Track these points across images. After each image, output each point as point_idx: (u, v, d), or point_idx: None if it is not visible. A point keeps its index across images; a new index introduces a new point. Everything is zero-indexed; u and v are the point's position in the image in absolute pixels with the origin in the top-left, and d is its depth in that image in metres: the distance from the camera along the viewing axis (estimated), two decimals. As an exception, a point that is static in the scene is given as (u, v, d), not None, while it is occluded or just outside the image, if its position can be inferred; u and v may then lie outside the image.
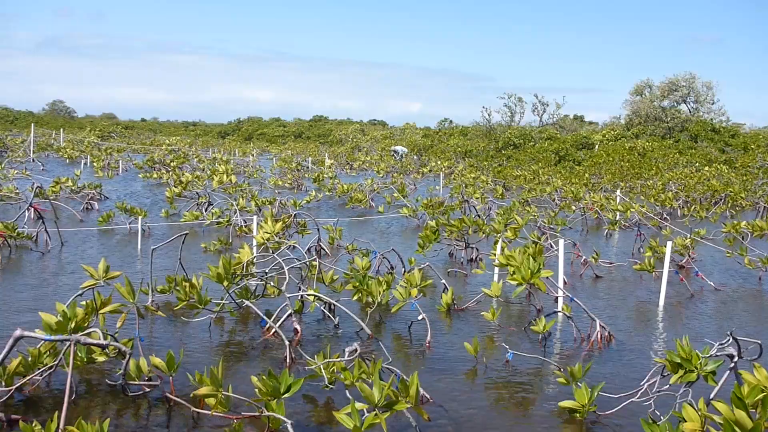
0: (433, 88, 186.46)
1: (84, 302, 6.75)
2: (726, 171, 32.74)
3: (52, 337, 5.71)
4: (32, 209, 15.06)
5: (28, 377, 6.00)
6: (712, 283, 11.94)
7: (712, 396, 5.38)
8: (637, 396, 6.19)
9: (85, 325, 6.20)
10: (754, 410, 4.40)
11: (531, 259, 8.42)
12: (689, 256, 13.42)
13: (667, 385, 5.97)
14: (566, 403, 6.05)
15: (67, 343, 5.69)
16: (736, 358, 5.63)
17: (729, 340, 5.73)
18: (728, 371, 5.60)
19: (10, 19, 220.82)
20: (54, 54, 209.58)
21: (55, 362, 6.08)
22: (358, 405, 5.13)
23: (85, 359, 6.42)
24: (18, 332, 5.48)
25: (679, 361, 5.67)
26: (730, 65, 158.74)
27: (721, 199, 24.62)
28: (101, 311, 6.79)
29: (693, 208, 22.07)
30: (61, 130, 52.94)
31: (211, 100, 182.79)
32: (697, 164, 35.88)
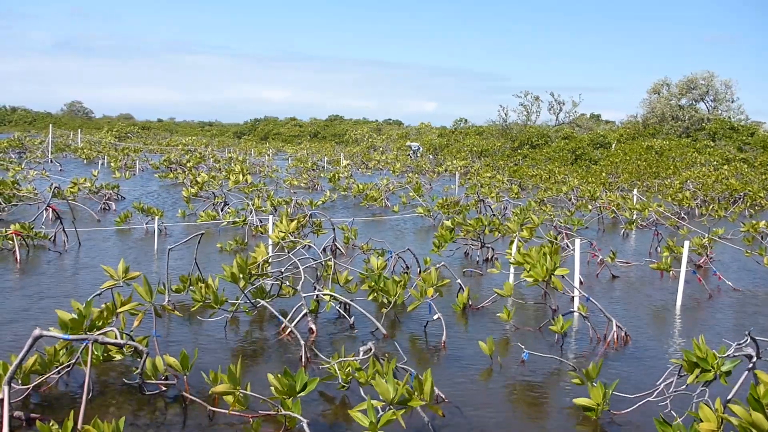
0: (449, 87, 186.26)
1: (104, 304, 6.80)
2: (745, 170, 32.40)
3: (71, 337, 5.76)
4: (50, 209, 15.22)
5: (45, 376, 6.06)
6: (730, 283, 11.83)
7: (729, 397, 5.33)
8: (653, 396, 6.14)
9: (103, 324, 6.25)
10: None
11: (547, 256, 8.39)
12: (707, 255, 13.30)
13: (684, 386, 5.92)
14: (581, 401, 6.02)
15: (84, 342, 5.74)
16: (754, 359, 5.57)
17: (747, 340, 5.66)
18: (746, 372, 5.54)
19: (27, 19, 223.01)
20: (70, 54, 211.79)
21: (72, 361, 6.13)
22: (374, 402, 5.14)
23: (102, 358, 6.47)
24: (37, 331, 5.53)
25: (695, 360, 5.62)
26: (748, 63, 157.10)
27: (739, 198, 24.39)
28: (120, 310, 6.85)
29: (711, 207, 21.86)
30: (79, 130, 53.45)
31: (226, 100, 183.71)
32: (715, 163, 35.55)
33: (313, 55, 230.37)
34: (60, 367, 6.17)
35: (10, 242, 12.22)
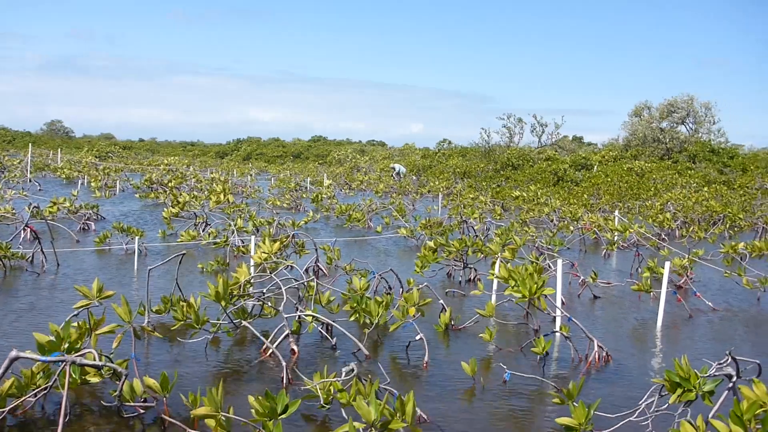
0: (434, 108, 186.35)
1: (77, 323, 6.71)
2: (725, 192, 32.78)
3: (48, 358, 5.67)
4: (28, 229, 15.04)
5: (21, 399, 5.95)
6: (710, 303, 11.91)
7: (710, 416, 5.34)
8: (635, 415, 6.14)
9: (80, 345, 6.16)
10: (752, 429, 4.36)
11: (533, 275, 8.40)
12: (687, 276, 13.40)
13: (665, 405, 5.93)
14: (563, 420, 6.00)
15: (61, 364, 5.65)
16: (734, 378, 5.60)
17: (727, 359, 5.70)
18: (727, 391, 5.57)
19: (25, 40, 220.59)
20: (63, 75, 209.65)
21: (49, 383, 6.02)
22: (356, 424, 5.09)
23: (79, 380, 6.37)
24: (13, 353, 5.45)
25: (677, 380, 5.64)
26: (731, 86, 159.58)
27: (719, 220, 24.65)
28: (98, 332, 6.75)
29: (691, 228, 22.06)
30: (59, 150, 53.06)
31: (214, 121, 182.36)
32: (695, 185, 35.96)
33: (303, 76, 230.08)
34: (37, 390, 6.06)
35: (-12, 262, 12.06)
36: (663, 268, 11.00)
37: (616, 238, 18.69)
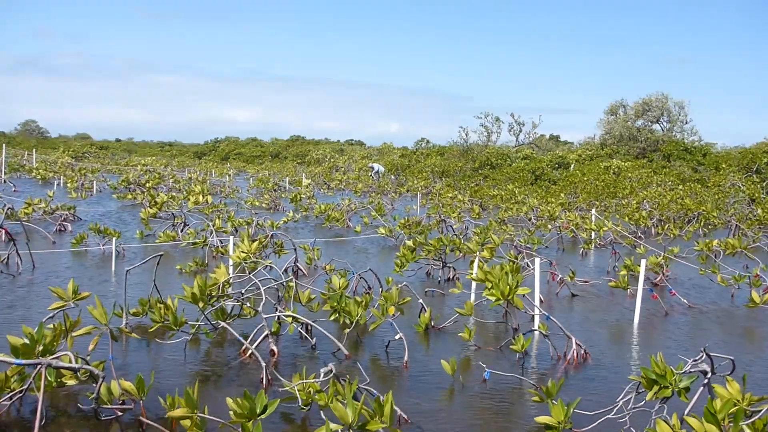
0: (412, 108, 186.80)
1: (52, 324, 6.64)
2: (699, 190, 33.17)
3: (23, 362, 5.60)
4: (3, 231, 14.84)
5: (-4, 402, 5.87)
6: (685, 300, 12.06)
7: (686, 412, 5.42)
8: (613, 413, 6.21)
9: (55, 347, 6.09)
10: (726, 425, 4.43)
11: (509, 275, 8.46)
12: (663, 274, 13.56)
13: (642, 402, 6.00)
14: (542, 419, 6.05)
15: (37, 367, 5.58)
16: (709, 374, 5.68)
17: (702, 356, 5.78)
18: (702, 387, 5.65)
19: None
20: (31, 74, 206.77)
21: (24, 386, 5.96)
22: (333, 426, 5.09)
23: (55, 383, 6.30)
24: (-14, 356, 5.37)
25: (653, 377, 5.71)
26: (705, 86, 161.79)
27: (694, 218, 24.94)
28: (75, 334, 6.68)
29: (667, 226, 22.30)
30: (34, 150, 52.39)
31: (190, 120, 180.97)
32: (670, 183, 36.34)
33: (279, 75, 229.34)
34: (12, 393, 5.99)
35: (-39, 265, 11.87)
36: (639, 265, 11.12)
37: (593, 237, 18.86)
